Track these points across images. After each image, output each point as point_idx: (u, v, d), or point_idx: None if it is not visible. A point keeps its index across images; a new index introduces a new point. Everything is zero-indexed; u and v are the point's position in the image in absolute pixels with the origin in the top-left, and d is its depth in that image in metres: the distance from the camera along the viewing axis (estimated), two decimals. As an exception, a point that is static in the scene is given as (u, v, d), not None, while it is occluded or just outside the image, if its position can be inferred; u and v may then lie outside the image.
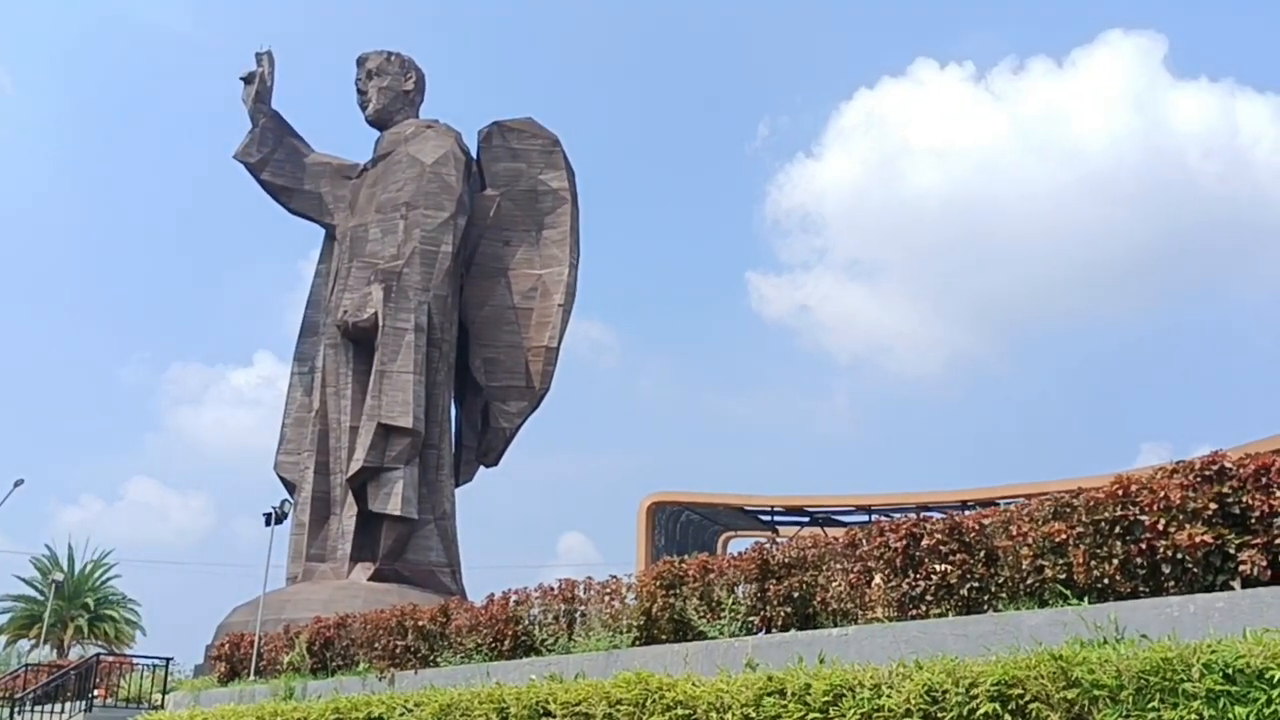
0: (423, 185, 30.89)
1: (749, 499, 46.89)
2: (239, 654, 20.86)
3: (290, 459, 31.58)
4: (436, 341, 30.61)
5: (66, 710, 21.55)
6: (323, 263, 33.41)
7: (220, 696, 18.85)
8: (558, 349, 32.03)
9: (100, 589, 50.92)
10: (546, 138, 33.26)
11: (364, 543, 29.29)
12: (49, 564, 49.74)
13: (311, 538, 29.94)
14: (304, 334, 32.78)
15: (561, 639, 14.64)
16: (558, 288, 32.16)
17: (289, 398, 32.51)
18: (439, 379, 30.84)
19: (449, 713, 12.19)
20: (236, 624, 26.22)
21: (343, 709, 13.75)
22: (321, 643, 18.57)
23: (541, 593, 15.34)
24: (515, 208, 32.67)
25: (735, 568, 12.66)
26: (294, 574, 29.73)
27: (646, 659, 12.45)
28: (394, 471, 28.95)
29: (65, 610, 48.12)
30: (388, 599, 23.53)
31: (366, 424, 29.13)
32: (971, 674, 8.08)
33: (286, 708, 15.08)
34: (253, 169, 32.62)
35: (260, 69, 32.59)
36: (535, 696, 11.40)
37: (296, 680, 17.59)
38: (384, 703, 13.26)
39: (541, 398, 32.07)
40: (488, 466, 33.02)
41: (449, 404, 31.83)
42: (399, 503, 28.62)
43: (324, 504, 30.27)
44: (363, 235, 31.42)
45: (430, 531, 30.09)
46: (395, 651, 16.81)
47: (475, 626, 15.76)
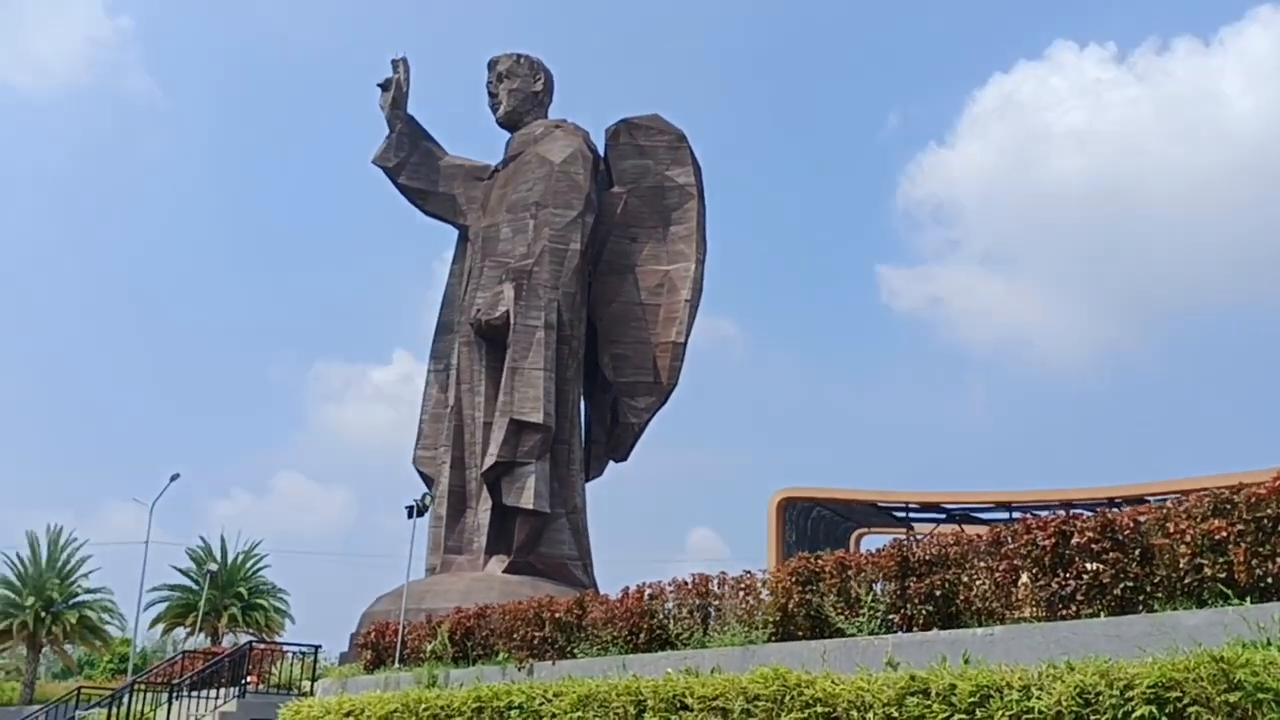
0: (552, 184, 31.30)
1: (883, 495, 46.13)
2: (383, 642, 21.48)
3: (428, 454, 32.38)
4: (566, 338, 30.96)
5: (221, 696, 22.45)
6: (456, 263, 34.13)
7: (366, 683, 19.45)
8: (685, 344, 32.06)
9: (251, 579, 53.05)
10: (673, 134, 33.32)
11: (499, 536, 29.85)
12: (203, 555, 52.04)
13: (449, 530, 30.66)
14: (439, 332, 33.55)
15: (696, 633, 14.67)
16: (685, 283, 32.19)
17: (426, 394, 33.33)
18: (569, 375, 31.19)
19: (587, 704, 12.32)
20: (380, 613, 27.03)
21: (484, 698, 14.02)
22: (462, 632, 19.00)
23: (675, 587, 15.39)
24: (642, 204, 32.83)
25: (874, 564, 12.49)
26: (433, 565, 30.48)
27: (783, 655, 12.37)
28: (526, 466, 29.41)
29: (219, 599, 50.32)
30: (522, 591, 23.94)
31: (499, 420, 29.66)
32: (1126, 676, 7.82)
33: (430, 695, 15.44)
34: (390, 173, 33.54)
35: (396, 76, 33.45)
36: (672, 690, 11.43)
37: (439, 669, 18.03)
38: (524, 692, 13.47)
39: (669, 393, 32.17)
40: (617, 461, 33.28)
41: (579, 400, 32.17)
42: (531, 497, 29.08)
43: (460, 498, 30.97)
44: (494, 235, 32.00)
45: (562, 525, 30.49)
46: (533, 642, 17.09)
47: (610, 619, 15.91)
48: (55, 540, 48.06)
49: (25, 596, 45.62)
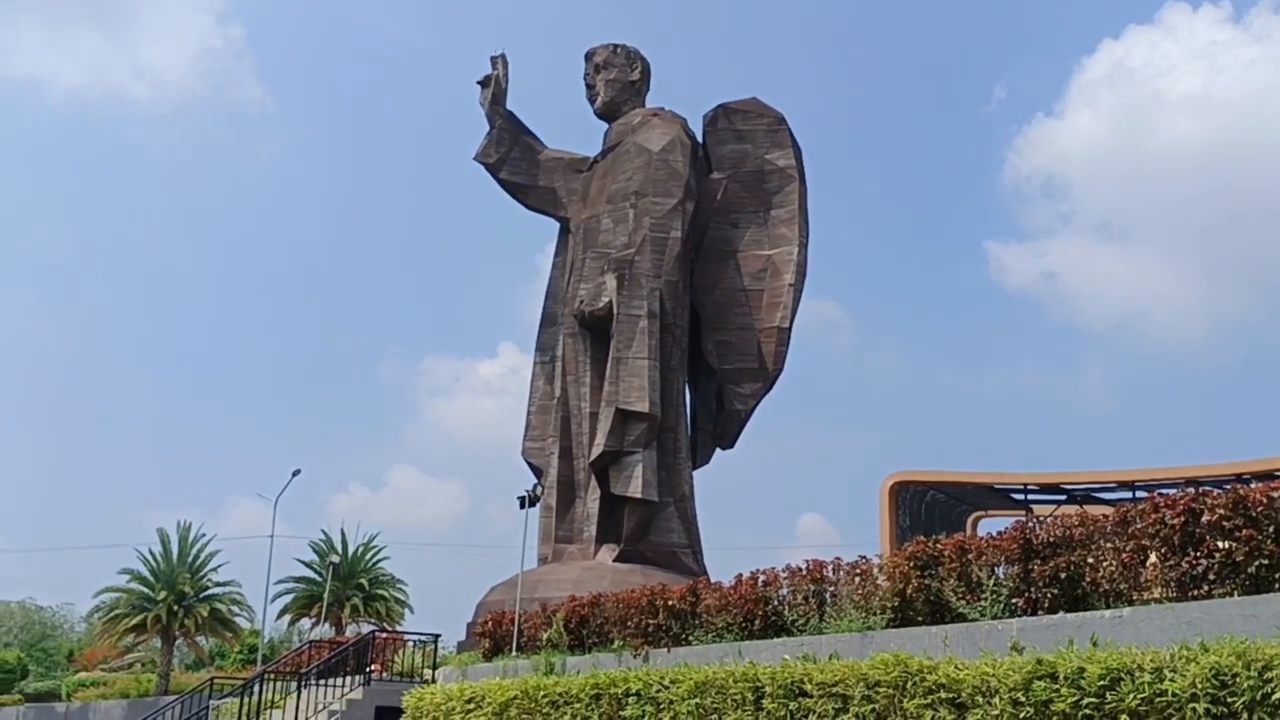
0: (651, 173, 31.32)
1: (999, 477, 45.11)
2: (500, 631, 21.83)
3: (536, 445, 32.76)
4: (669, 326, 30.97)
5: (347, 684, 23.06)
6: (559, 255, 34.42)
7: (485, 671, 19.80)
8: (790, 329, 31.80)
9: (372, 570, 54.40)
10: (772, 117, 33.04)
11: (608, 525, 30.04)
12: (325, 548, 53.57)
13: (559, 520, 30.97)
14: (544, 325, 33.88)
15: (812, 620, 14.58)
16: (788, 267, 31.91)
17: (532, 386, 33.69)
18: (673, 364, 31.19)
19: (704, 690, 12.37)
20: (495, 602, 27.48)
21: (602, 684, 14.18)
22: (577, 620, 19.20)
23: (789, 573, 15.32)
24: (742, 189, 32.64)
25: (995, 548, 12.25)
26: (544, 555, 30.85)
27: (903, 640, 12.23)
28: (633, 455, 29.51)
29: (341, 590, 51.71)
30: (633, 579, 24.06)
31: (605, 410, 29.83)
32: (1265, 656, 7.55)
33: (548, 682, 15.66)
34: (491, 169, 33.96)
35: (495, 72, 33.83)
36: (790, 676, 11.40)
37: (556, 656, 18.26)
38: (640, 679, 13.58)
39: (775, 379, 31.94)
40: (724, 449, 33.19)
41: (683, 388, 32.17)
42: (639, 485, 29.19)
43: (569, 488, 31.26)
44: (595, 226, 32.17)
45: (671, 513, 30.55)
46: (647, 630, 17.18)
47: (724, 606, 15.91)
48: (185, 536, 49.94)
49: (158, 591, 47.53)
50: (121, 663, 57.53)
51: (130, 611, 47.38)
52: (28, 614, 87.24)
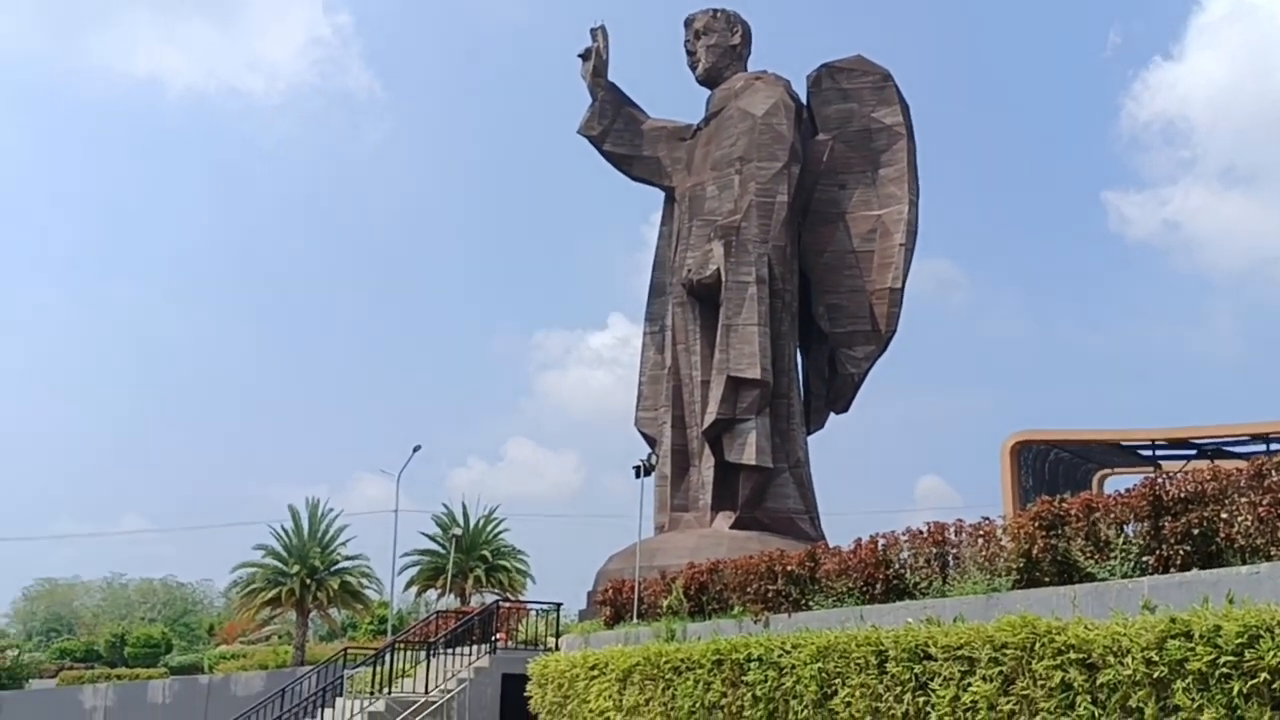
0: (755, 138, 31.03)
1: (1125, 434, 43.78)
2: (620, 598, 22.09)
3: (649, 415, 32.93)
4: (779, 292, 30.74)
5: (473, 652, 23.64)
6: (665, 224, 34.40)
7: (607, 638, 20.08)
8: (902, 290, 31.27)
9: (493, 541, 55.53)
10: (877, 74, 32.41)
11: (723, 492, 30.09)
12: (447, 521, 54.85)
13: (674, 489, 31.14)
14: (652, 295, 33.95)
15: (935, 583, 14.41)
16: (898, 227, 31.35)
17: (643, 357, 33.85)
18: (783, 329, 30.99)
19: (827, 654, 12.33)
20: (613, 571, 27.80)
21: (723, 650, 14.26)
22: (696, 587, 19.31)
23: (910, 536, 15.15)
24: (849, 149, 32.12)
25: (1123, 505, 11.91)
26: (661, 523, 31.06)
27: (1029, 602, 12.01)
28: (746, 422, 29.47)
29: (464, 562, 52.94)
30: (750, 545, 24.06)
31: (717, 378, 29.83)
32: None
33: (670, 649, 15.81)
34: (595, 141, 34.07)
35: (595, 44, 33.85)
36: (914, 640, 11.30)
37: (676, 623, 18.41)
38: (762, 644, 13.62)
39: (888, 341, 31.48)
40: (838, 413, 32.90)
41: (795, 353, 31.94)
42: (753, 453, 29.15)
43: (683, 456, 31.38)
44: (700, 194, 32.05)
45: (786, 479, 30.46)
46: (767, 596, 17.20)
47: (844, 571, 15.83)
48: (314, 512, 51.63)
49: (291, 565, 49.29)
50: (259, 635, 59.96)
51: (266, 586, 49.27)
52: (170, 591, 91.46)
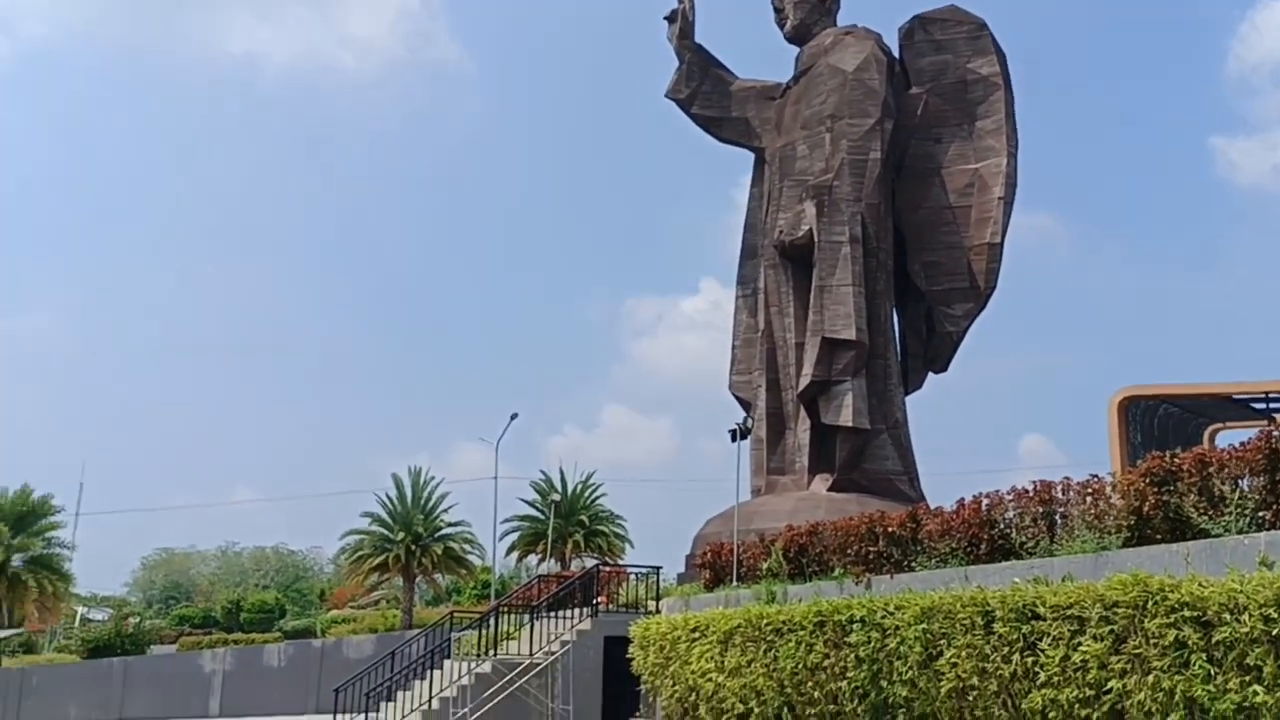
0: (846, 94, 30.53)
1: (1238, 387, 42.24)
2: (720, 562, 22.15)
3: (743, 378, 32.83)
4: (873, 251, 30.31)
5: (575, 615, 23.97)
6: (755, 186, 34.10)
7: (707, 601, 20.17)
8: (1001, 245, 30.55)
9: (591, 507, 56.16)
10: (972, 23, 31.55)
11: (820, 455, 29.91)
12: (546, 487, 55.60)
13: (770, 452, 31.05)
14: (744, 257, 33.74)
15: (1042, 542, 14.15)
16: (996, 180, 30.59)
17: (735, 320, 33.71)
18: (879, 288, 30.57)
19: (931, 615, 12.20)
20: (711, 534, 27.89)
21: (825, 612, 14.19)
22: (796, 550, 19.26)
23: (1015, 495, 14.88)
24: (944, 102, 31.39)
25: (1238, 459, 11.53)
26: (757, 487, 31.02)
27: (1140, 560, 11.74)
28: (842, 384, 29.22)
29: (563, 527, 53.65)
30: (848, 508, 23.91)
31: (811, 340, 29.58)
32: None
33: (770, 610, 15.80)
34: (683, 104, 33.86)
35: (681, 5, 33.57)
36: (1021, 600, 11.12)
37: (776, 585, 18.39)
38: (864, 606, 13.52)
39: (988, 298, 30.84)
40: (936, 373, 32.41)
41: (891, 313, 31.50)
42: (850, 414, 28.90)
43: (778, 419, 31.25)
44: (791, 154, 31.68)
45: (884, 441, 30.15)
46: (868, 557, 17.08)
47: (947, 531, 15.63)
48: (417, 480, 52.70)
49: (397, 532, 50.45)
50: (368, 600, 61.63)
51: (373, 552, 50.54)
52: (281, 558, 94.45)
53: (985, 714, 11.40)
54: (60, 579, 47.54)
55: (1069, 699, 10.24)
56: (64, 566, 48.70)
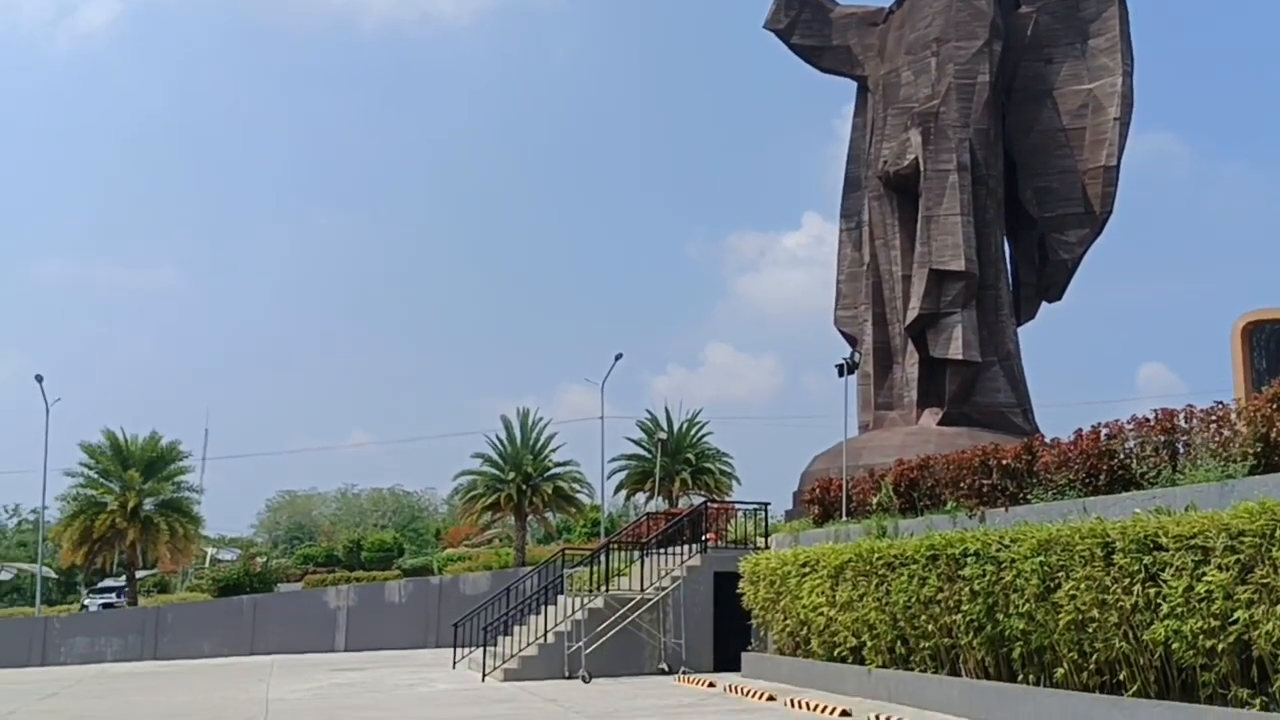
0: (951, 16, 29.55)
1: (1369, 309, 40.27)
2: (829, 497, 22.08)
3: (848, 313, 32.42)
4: (982, 178, 29.48)
5: (684, 552, 24.20)
6: (858, 116, 33.35)
7: (817, 536, 20.17)
8: (1117, 167, 29.38)
9: (697, 445, 56.46)
10: (1082, -65, 30.16)
11: (929, 389, 29.47)
12: (651, 426, 56.03)
13: (877, 387, 30.69)
14: (847, 190, 33.14)
15: (1163, 471, 13.77)
16: (1111, 100, 29.36)
17: (839, 254, 33.21)
18: (988, 217, 29.76)
19: (1048, 548, 12.03)
20: (818, 471, 27.77)
21: (937, 546, 14.10)
22: (906, 484, 19.09)
23: (1135, 424, 14.47)
24: (1054, 21, 30.15)
25: (1373, 382, 11.02)
26: (865, 422, 30.74)
27: (1267, 487, 11.38)
28: (951, 316, 28.66)
29: (670, 465, 54.09)
30: (959, 442, 23.54)
31: (918, 272, 29.02)
32: None
33: (882, 545, 15.76)
34: (782, 35, 33.17)
35: (777, -68, 32.77)
36: (1142, 530, 10.90)
37: (887, 520, 18.29)
38: (978, 539, 13.39)
39: (1103, 223, 29.77)
40: (1050, 302, 31.52)
41: (1001, 241, 30.64)
42: (960, 347, 28.37)
43: (885, 354, 30.83)
44: (895, 81, 30.87)
45: (995, 373, 29.55)
46: (982, 490, 16.84)
47: (1064, 463, 15.30)
48: (525, 421, 53.56)
49: (507, 472, 51.50)
50: (481, 539, 63.23)
51: (485, 492, 51.70)
52: (398, 499, 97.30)
53: (1105, 646, 11.25)
54: (190, 521, 49.69)
55: (1193, 630, 10.04)
56: (193, 509, 50.87)
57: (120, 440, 49.05)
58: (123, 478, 47.48)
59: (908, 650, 15.00)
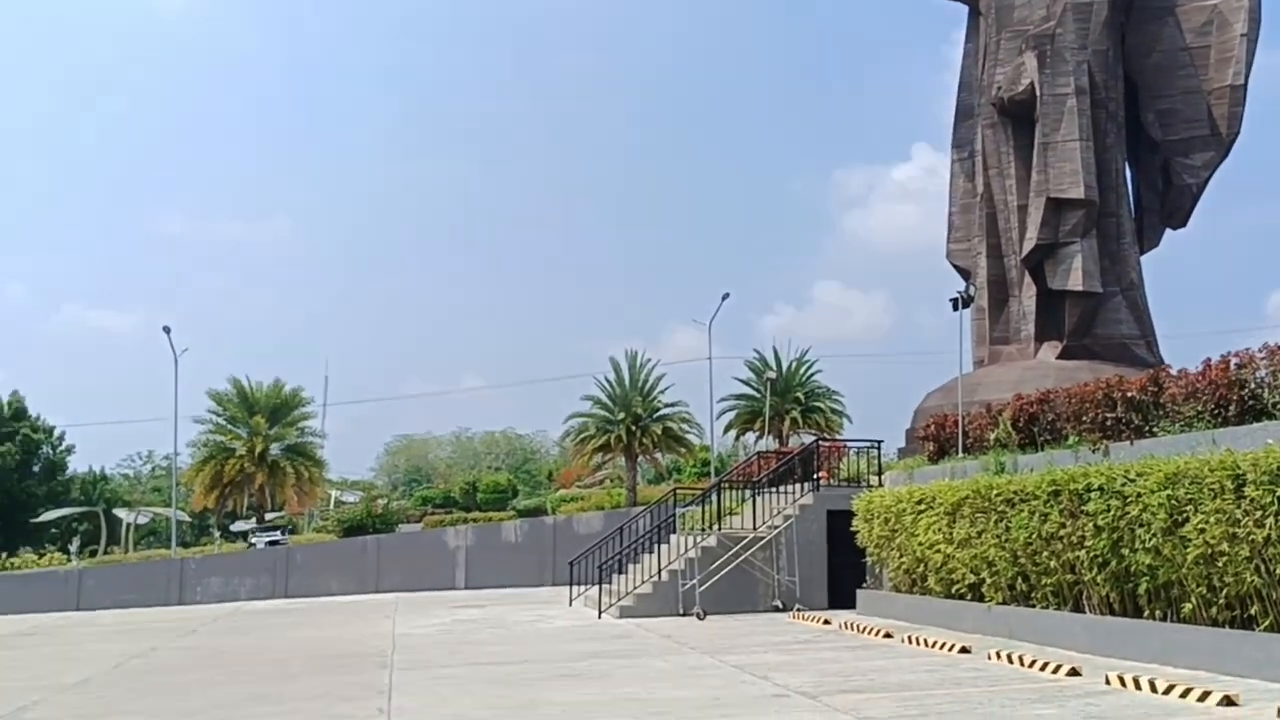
0: (1066, -67, 28.35)
1: None
2: (944, 434, 21.78)
3: (960, 246, 31.72)
4: (1101, 102, 28.42)
5: (796, 490, 24.17)
6: (969, 41, 32.32)
7: (932, 473, 19.95)
8: (1245, 86, 28.03)
9: (806, 384, 56.15)
10: None
11: (1047, 322, 28.79)
12: (760, 365, 55.88)
13: (992, 321, 30.06)
14: (959, 119, 32.23)
15: (1298, 401, 13.26)
16: (1237, 15, 27.94)
17: (951, 186, 32.43)
18: (1108, 142, 28.73)
19: (1176, 481, 11.71)
20: (932, 408, 27.41)
21: (1059, 481, 13.83)
22: (1025, 419, 18.72)
23: (1267, 353, 13.94)
24: (1176, -67, 28.72)
25: None
26: (980, 358, 30.18)
27: None
28: (1070, 246, 27.89)
29: (779, 405, 53.97)
30: (1079, 375, 22.99)
31: (1035, 201, 28.24)
32: None
33: (1000, 481, 15.52)
34: (887, -40, 32.26)
35: None
36: (1275, 462, 10.55)
37: (1005, 456, 17.98)
38: (1102, 474, 13.09)
39: (1230, 145, 28.52)
40: (1174, 228, 30.38)
41: (1122, 167, 29.58)
42: (1079, 278, 27.60)
43: (1001, 287, 30.13)
44: (1008, 3, 29.77)
45: (1117, 304, 28.71)
46: (1105, 424, 16.42)
47: (1191, 394, 14.84)
48: (634, 363, 53.91)
49: (617, 413, 52.01)
50: (593, 480, 64.08)
51: (596, 433, 52.35)
52: (510, 442, 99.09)
53: (1235, 580, 10.97)
54: (314, 465, 51.51)
55: (1332, 564, 9.70)
56: (317, 453, 52.70)
57: (246, 388, 50.89)
58: (249, 424, 49.34)
59: (1028, 587, 14.81)
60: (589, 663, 14.51)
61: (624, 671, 13.52)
